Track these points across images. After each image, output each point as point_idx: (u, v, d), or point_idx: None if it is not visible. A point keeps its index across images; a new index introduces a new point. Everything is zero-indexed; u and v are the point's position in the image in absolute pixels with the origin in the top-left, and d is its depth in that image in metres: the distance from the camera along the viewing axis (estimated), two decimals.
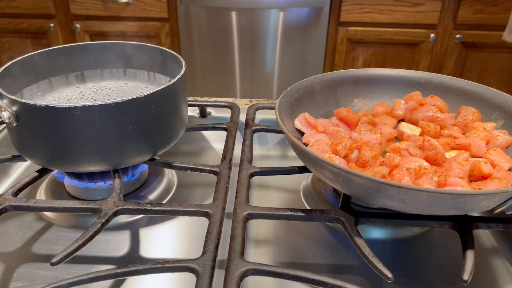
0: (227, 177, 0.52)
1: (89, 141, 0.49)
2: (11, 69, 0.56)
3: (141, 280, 0.46)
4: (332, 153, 0.51)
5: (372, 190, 0.41)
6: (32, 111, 0.47)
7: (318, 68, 1.96)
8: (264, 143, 0.73)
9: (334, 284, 0.38)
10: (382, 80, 0.66)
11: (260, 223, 0.54)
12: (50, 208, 0.47)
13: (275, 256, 0.50)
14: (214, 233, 0.43)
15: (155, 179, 0.61)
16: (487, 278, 0.48)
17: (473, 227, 0.46)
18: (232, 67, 1.97)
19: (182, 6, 1.85)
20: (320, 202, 0.57)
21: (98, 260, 0.49)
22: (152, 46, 0.65)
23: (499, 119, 0.58)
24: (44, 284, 0.39)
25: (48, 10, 1.90)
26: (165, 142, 0.56)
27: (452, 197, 0.39)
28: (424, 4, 1.76)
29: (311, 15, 1.83)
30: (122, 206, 0.47)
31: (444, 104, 0.61)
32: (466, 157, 0.51)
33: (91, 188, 0.56)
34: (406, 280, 0.46)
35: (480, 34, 1.80)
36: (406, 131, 0.58)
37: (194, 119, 0.74)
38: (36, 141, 0.50)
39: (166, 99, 0.53)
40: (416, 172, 0.47)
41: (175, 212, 0.47)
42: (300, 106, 0.59)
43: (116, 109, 0.48)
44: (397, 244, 0.51)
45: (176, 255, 0.50)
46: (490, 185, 0.46)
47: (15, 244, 0.51)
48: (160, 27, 1.90)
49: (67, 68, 0.65)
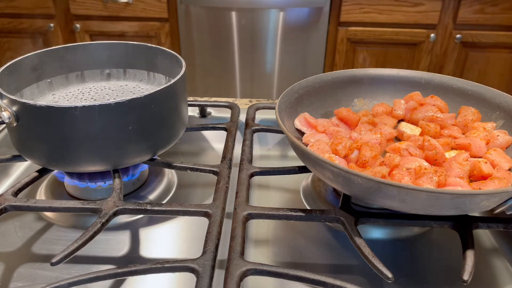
0: (227, 177, 0.52)
1: (89, 141, 0.49)
2: (11, 69, 0.56)
3: (141, 280, 0.46)
4: (332, 153, 0.51)
5: (372, 190, 0.41)
6: (32, 111, 0.47)
7: (318, 68, 1.96)
8: (264, 143, 0.73)
9: (334, 284, 0.38)
10: (382, 80, 0.66)
11: (260, 223, 0.54)
12: (50, 208, 0.47)
13: (275, 256, 0.50)
14: (214, 233, 0.43)
15: (155, 179, 0.61)
16: (487, 278, 0.48)
17: (473, 227, 0.46)
18: (232, 67, 1.97)
19: (182, 6, 1.85)
20: (320, 202, 0.57)
21: (98, 260, 0.49)
22: (152, 46, 0.65)
23: (499, 119, 0.58)
24: (44, 284, 0.39)
25: (48, 10, 1.90)
26: (165, 142, 0.56)
27: (452, 197, 0.39)
28: (424, 4, 1.76)
29: (311, 15, 1.83)
30: (122, 206, 0.47)
31: (444, 104, 0.60)
32: (466, 157, 0.51)
33: (91, 188, 0.56)
34: (406, 280, 0.46)
35: (480, 34, 1.80)
36: (406, 131, 0.58)
37: (194, 119, 0.74)
38: (36, 141, 0.50)
39: (166, 99, 0.53)
40: (416, 172, 0.47)
41: (175, 212, 0.47)
42: (300, 106, 0.59)
43: (116, 109, 0.48)
44: (397, 244, 0.51)
45: (176, 255, 0.50)
46: (490, 185, 0.46)
47: (15, 244, 0.51)
48: (160, 27, 1.90)
49: (67, 68, 0.65)
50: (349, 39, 1.87)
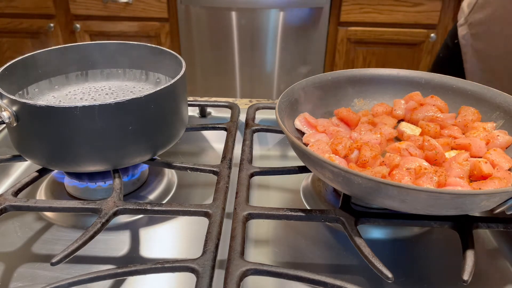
0: (227, 177, 0.52)
1: (89, 141, 0.49)
2: (11, 69, 0.56)
3: (141, 280, 0.46)
4: (332, 153, 0.51)
5: (372, 190, 0.41)
6: (32, 111, 0.47)
7: (318, 68, 1.96)
8: (264, 143, 0.73)
9: (334, 284, 0.38)
10: (382, 80, 0.66)
11: (260, 223, 0.54)
12: (50, 208, 0.47)
13: (275, 256, 0.50)
14: (214, 233, 0.43)
15: (155, 179, 0.61)
16: (487, 278, 0.48)
17: (473, 227, 0.46)
18: (232, 67, 1.97)
19: (182, 6, 1.85)
20: (320, 202, 0.57)
21: (98, 260, 0.49)
22: (152, 46, 0.65)
23: (499, 119, 0.58)
24: (44, 284, 0.39)
25: (48, 10, 1.90)
26: (165, 142, 0.56)
27: (452, 197, 0.39)
28: (424, 4, 1.76)
29: (311, 15, 1.83)
30: (122, 206, 0.47)
31: (444, 104, 0.60)
32: (466, 157, 0.51)
33: (91, 188, 0.56)
34: (406, 280, 0.46)
35: None
36: (406, 131, 0.58)
37: (194, 119, 0.74)
38: (36, 141, 0.50)
39: (166, 99, 0.53)
40: (416, 172, 0.47)
41: (175, 212, 0.47)
42: (300, 106, 0.59)
43: (116, 109, 0.48)
44: (397, 244, 0.51)
45: (176, 255, 0.50)
46: (490, 185, 0.46)
47: (15, 244, 0.51)
48: (160, 27, 1.91)
49: (67, 68, 0.65)
50: (349, 39, 1.87)
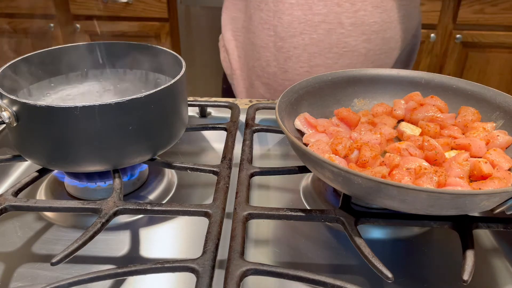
0: (227, 177, 0.52)
1: (89, 141, 0.49)
2: (11, 69, 0.56)
3: (141, 280, 0.46)
4: (332, 153, 0.51)
5: (372, 190, 0.41)
6: (32, 111, 0.47)
7: None
8: (264, 143, 0.73)
9: (334, 284, 0.38)
10: (382, 80, 0.66)
11: (260, 223, 0.54)
12: (50, 208, 0.47)
13: (275, 256, 0.50)
14: (214, 233, 0.43)
15: (155, 179, 0.61)
16: (487, 278, 0.48)
17: (473, 227, 0.46)
18: None
19: (182, 6, 1.85)
20: (320, 202, 0.57)
21: (98, 260, 0.49)
22: (152, 46, 0.64)
23: (499, 119, 0.58)
24: (44, 284, 0.39)
25: (48, 10, 1.90)
26: (165, 142, 0.56)
27: (452, 197, 0.39)
28: (424, 4, 1.76)
29: None
30: (122, 206, 0.47)
31: (444, 104, 0.60)
32: (466, 157, 0.51)
33: (91, 188, 0.56)
34: (406, 280, 0.46)
35: (480, 34, 1.80)
36: (406, 131, 0.58)
37: (194, 119, 0.74)
38: (36, 141, 0.50)
39: (166, 99, 0.53)
40: (416, 172, 0.47)
41: (175, 212, 0.47)
42: (300, 106, 0.59)
43: (116, 109, 0.48)
44: (397, 244, 0.51)
45: (176, 255, 0.50)
46: (490, 185, 0.46)
47: (15, 244, 0.51)
48: (160, 27, 1.90)
49: (67, 68, 0.65)
50: None
